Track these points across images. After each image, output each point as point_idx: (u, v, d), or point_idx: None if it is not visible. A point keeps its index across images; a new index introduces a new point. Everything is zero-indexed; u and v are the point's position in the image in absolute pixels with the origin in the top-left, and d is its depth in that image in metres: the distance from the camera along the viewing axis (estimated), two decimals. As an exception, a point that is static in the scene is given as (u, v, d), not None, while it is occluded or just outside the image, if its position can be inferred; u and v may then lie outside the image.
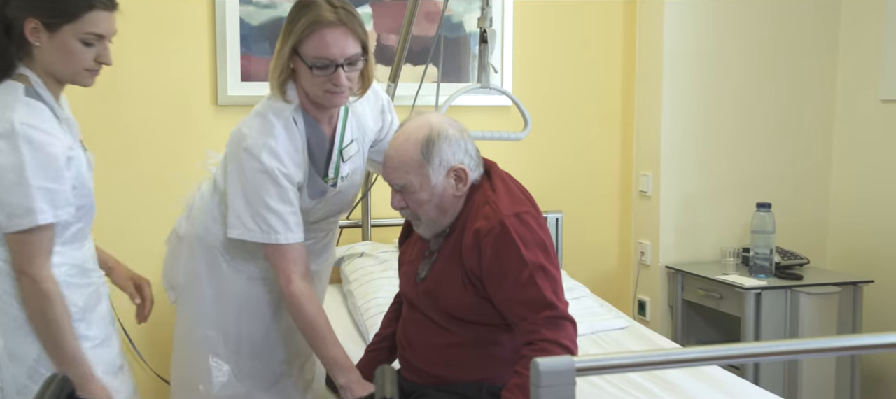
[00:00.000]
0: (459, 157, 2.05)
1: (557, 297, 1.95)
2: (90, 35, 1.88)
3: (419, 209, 2.07)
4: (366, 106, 2.31)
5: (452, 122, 2.09)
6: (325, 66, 2.05)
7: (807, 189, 3.95)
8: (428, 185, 2.03)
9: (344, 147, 2.25)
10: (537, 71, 3.77)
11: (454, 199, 2.07)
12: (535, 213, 2.05)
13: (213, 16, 3.32)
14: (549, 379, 1.10)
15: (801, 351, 1.58)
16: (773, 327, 3.39)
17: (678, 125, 3.76)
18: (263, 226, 2.12)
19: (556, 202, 3.84)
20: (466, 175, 2.06)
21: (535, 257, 1.95)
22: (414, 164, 2.03)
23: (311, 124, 2.19)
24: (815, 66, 3.91)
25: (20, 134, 1.79)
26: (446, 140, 2.03)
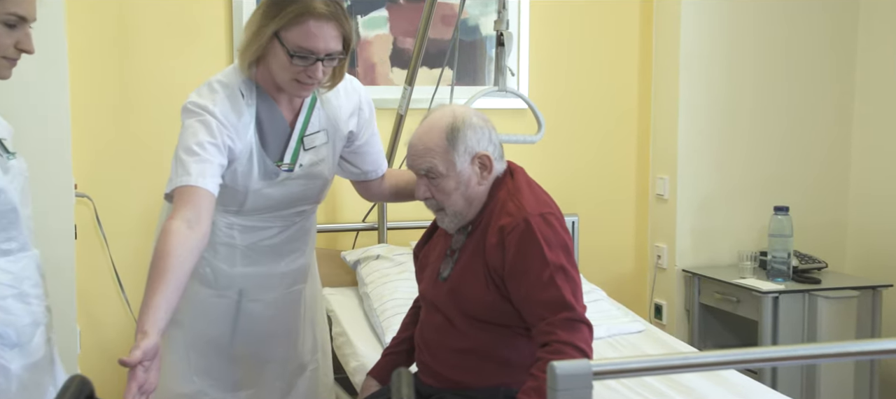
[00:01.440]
0: (484, 145, 2.07)
1: (576, 300, 1.95)
2: (11, 16, 1.67)
3: (446, 200, 2.07)
4: (342, 99, 2.25)
5: (477, 112, 2.12)
6: (304, 57, 2.00)
7: (825, 192, 3.92)
8: (454, 172, 2.04)
9: (307, 134, 2.18)
10: (553, 73, 3.76)
11: (479, 189, 2.08)
12: (558, 215, 2.06)
13: (231, 18, 3.34)
14: (565, 382, 1.10)
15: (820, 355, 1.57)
16: (790, 332, 3.37)
17: (694, 128, 3.75)
18: (178, 169, 1.97)
19: (572, 205, 3.82)
20: (491, 162, 2.08)
21: (557, 258, 1.95)
22: (439, 150, 2.04)
23: (267, 101, 2.12)
24: (833, 67, 3.89)
25: None
26: (470, 127, 2.05)
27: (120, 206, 3.27)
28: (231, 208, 2.18)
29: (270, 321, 2.33)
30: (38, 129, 2.70)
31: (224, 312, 2.28)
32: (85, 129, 3.14)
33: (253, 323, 2.31)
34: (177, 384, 2.29)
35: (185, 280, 1.85)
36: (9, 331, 1.76)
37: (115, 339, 3.30)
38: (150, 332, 1.72)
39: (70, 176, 2.84)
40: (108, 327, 3.31)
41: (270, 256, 2.28)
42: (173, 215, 1.90)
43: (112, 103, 3.26)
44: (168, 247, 1.83)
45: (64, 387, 1.41)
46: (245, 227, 2.22)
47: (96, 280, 3.27)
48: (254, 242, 2.24)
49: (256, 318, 2.31)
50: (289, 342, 2.40)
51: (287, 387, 2.42)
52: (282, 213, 2.24)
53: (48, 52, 2.64)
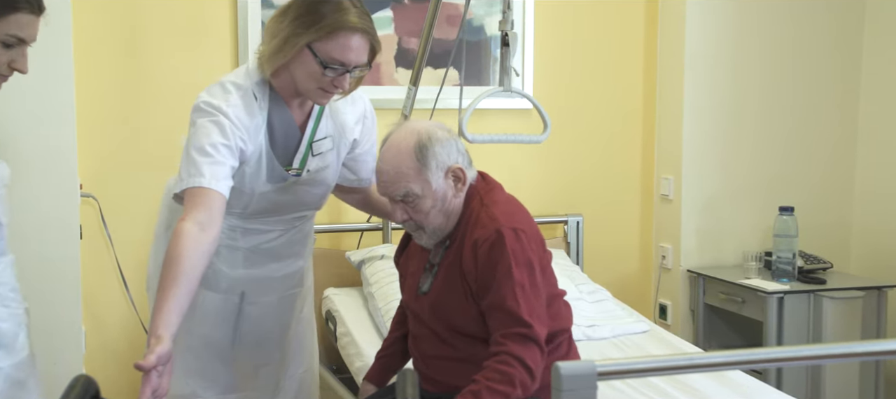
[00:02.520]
0: (454, 157, 2.05)
1: (533, 318, 1.94)
2: (11, 37, 1.68)
3: (424, 219, 2.05)
4: (348, 106, 2.26)
5: (439, 125, 2.08)
6: (336, 69, 2.01)
7: (830, 192, 3.92)
8: (430, 191, 2.02)
9: (315, 140, 2.19)
10: (558, 74, 3.76)
11: (455, 202, 2.07)
12: (528, 231, 2.03)
13: (235, 19, 3.34)
14: (570, 382, 1.10)
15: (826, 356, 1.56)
16: (795, 332, 3.37)
17: (699, 128, 3.74)
18: (191, 169, 1.96)
19: (576, 205, 3.83)
20: (464, 174, 2.06)
21: (521, 275, 1.95)
22: (412, 172, 2.01)
23: (279, 105, 2.12)
24: (838, 67, 3.88)
25: None
26: (438, 142, 2.02)
27: (125, 206, 3.28)
28: (235, 211, 2.17)
29: (268, 324, 2.34)
30: (43, 129, 2.71)
31: (227, 315, 2.28)
32: (90, 129, 3.15)
33: (252, 325, 2.31)
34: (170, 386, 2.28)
35: (197, 283, 1.86)
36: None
37: (120, 339, 3.31)
38: (164, 337, 1.72)
39: (75, 176, 2.84)
40: (113, 327, 3.32)
41: (271, 259, 2.28)
42: (185, 217, 1.90)
43: (117, 103, 3.26)
44: (181, 250, 1.83)
45: (69, 386, 1.41)
46: (247, 230, 2.22)
47: (101, 280, 3.28)
48: (255, 245, 2.24)
49: (255, 320, 2.31)
50: (284, 345, 2.40)
51: (277, 389, 2.42)
52: (284, 217, 2.24)
53: (54, 51, 2.64)
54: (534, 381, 1.91)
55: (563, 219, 3.78)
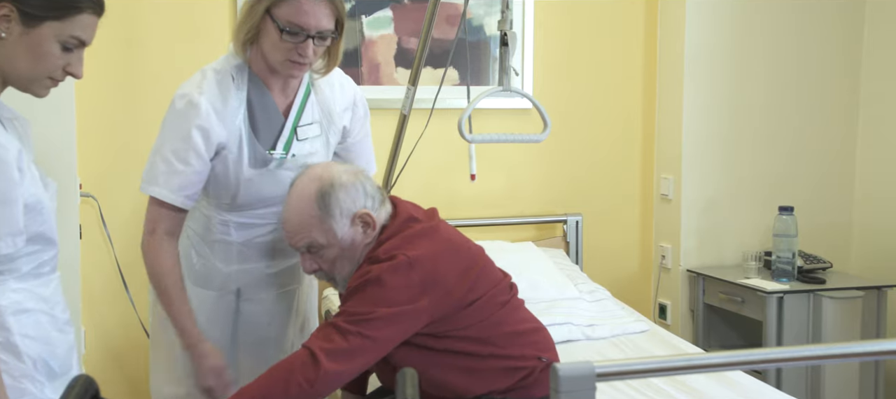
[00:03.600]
0: (360, 202, 1.97)
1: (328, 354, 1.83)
2: (73, 39, 1.62)
3: (333, 268, 2.01)
4: (336, 92, 2.25)
5: (345, 168, 2.02)
6: (295, 34, 2.00)
7: (830, 192, 3.91)
8: (334, 239, 1.96)
9: (301, 125, 2.17)
10: (558, 73, 3.76)
11: (364, 248, 1.99)
12: (415, 262, 1.91)
13: (235, 19, 3.34)
14: (568, 384, 1.09)
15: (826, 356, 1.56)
16: (795, 332, 3.36)
17: (700, 128, 3.74)
18: (149, 170, 2.07)
19: (576, 205, 3.83)
20: (372, 218, 1.98)
21: (357, 306, 1.88)
22: (314, 221, 1.96)
23: (259, 87, 2.12)
24: (838, 66, 3.88)
25: None
26: (341, 188, 1.95)
27: (124, 206, 3.28)
28: (224, 202, 2.17)
29: (266, 321, 2.33)
30: (42, 129, 2.69)
31: (224, 314, 2.28)
32: (90, 128, 3.15)
33: (251, 324, 2.30)
34: (167, 386, 2.28)
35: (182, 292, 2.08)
36: (52, 363, 1.68)
37: (120, 338, 3.31)
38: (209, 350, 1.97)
39: (75, 176, 2.84)
40: (112, 327, 3.32)
41: (265, 254, 2.27)
42: (155, 229, 2.09)
43: (117, 103, 3.26)
44: (168, 265, 2.09)
45: (69, 386, 1.41)
46: (240, 224, 2.21)
47: (101, 280, 3.28)
48: (248, 239, 2.23)
49: (254, 318, 2.30)
50: (284, 344, 2.38)
51: None
52: (275, 210, 2.21)
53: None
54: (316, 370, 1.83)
55: (562, 218, 3.78)
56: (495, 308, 2.04)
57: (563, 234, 3.79)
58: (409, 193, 2.46)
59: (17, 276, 1.60)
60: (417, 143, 2.92)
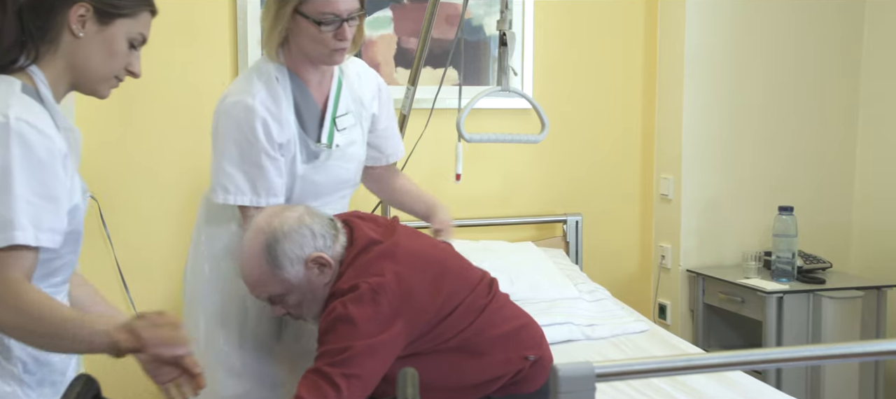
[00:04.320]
0: (309, 246, 1.94)
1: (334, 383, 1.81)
2: (140, 36, 1.67)
3: (299, 311, 2.01)
4: (363, 81, 2.32)
5: (290, 213, 1.99)
6: (331, 22, 2.06)
7: (830, 192, 3.91)
8: (292, 286, 1.95)
9: (338, 116, 2.24)
10: (557, 73, 3.76)
11: (325, 287, 1.98)
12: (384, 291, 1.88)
13: (235, 20, 3.34)
14: (567, 384, 1.10)
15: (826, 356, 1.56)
16: (795, 332, 3.36)
17: (699, 128, 3.74)
18: (228, 181, 2.13)
19: (576, 205, 3.82)
20: (326, 259, 1.95)
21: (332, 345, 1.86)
22: (267, 276, 1.95)
23: (299, 85, 2.18)
24: (838, 66, 3.88)
25: (14, 130, 1.47)
26: (285, 238, 1.93)
27: (124, 206, 3.27)
28: (279, 201, 2.20)
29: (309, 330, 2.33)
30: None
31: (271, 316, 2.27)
32: (89, 129, 3.14)
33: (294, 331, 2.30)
34: (224, 386, 2.27)
35: None
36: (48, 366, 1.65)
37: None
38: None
39: (74, 176, 2.83)
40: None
41: None
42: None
43: (117, 104, 3.25)
44: None
45: (70, 385, 1.41)
46: None
47: (101, 281, 3.26)
48: None
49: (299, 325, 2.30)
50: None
51: None
52: (327, 200, 2.26)
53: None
54: None
55: (562, 218, 3.78)
56: (475, 314, 2.01)
57: (563, 234, 3.79)
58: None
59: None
60: (417, 143, 2.92)
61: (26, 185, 1.47)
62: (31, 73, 1.58)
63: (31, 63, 1.58)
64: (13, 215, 1.45)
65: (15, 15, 1.56)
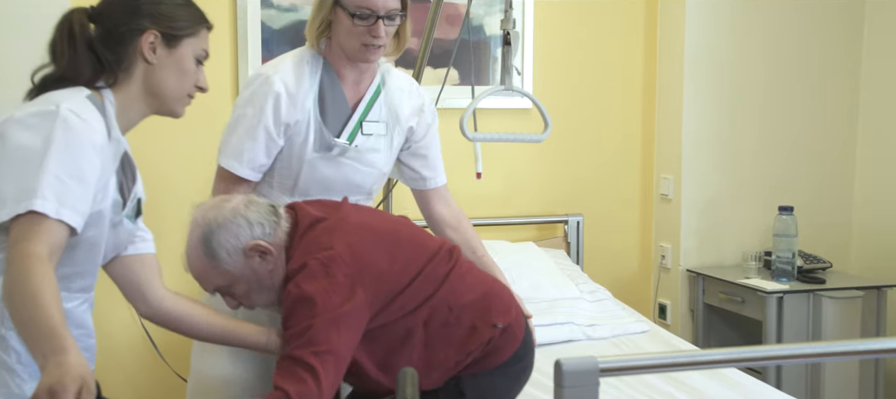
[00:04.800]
0: (246, 235, 1.89)
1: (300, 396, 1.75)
2: (204, 53, 1.76)
3: (249, 300, 1.98)
4: (405, 96, 2.31)
5: (224, 206, 1.93)
6: (366, 17, 2.08)
7: (830, 192, 3.92)
8: (234, 277, 1.92)
9: (367, 120, 2.24)
10: (557, 73, 3.77)
11: (271, 274, 1.93)
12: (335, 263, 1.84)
13: (235, 20, 3.35)
14: (571, 379, 1.10)
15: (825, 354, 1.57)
16: (795, 332, 3.37)
17: (700, 128, 3.75)
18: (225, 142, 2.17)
19: (576, 205, 3.83)
20: (265, 246, 1.90)
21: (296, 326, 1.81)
22: (208, 269, 1.91)
23: (332, 77, 2.20)
24: (838, 66, 3.89)
25: (61, 117, 1.54)
26: (220, 229, 1.89)
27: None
28: (287, 184, 2.21)
29: None
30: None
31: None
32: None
33: None
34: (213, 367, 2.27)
35: None
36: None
37: (122, 338, 3.31)
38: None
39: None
40: (114, 327, 3.31)
41: None
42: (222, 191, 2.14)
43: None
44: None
45: None
46: None
47: (102, 280, 3.27)
48: None
49: None
50: None
51: None
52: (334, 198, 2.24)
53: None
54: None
55: (563, 218, 3.79)
56: (437, 282, 1.97)
57: (564, 234, 3.79)
58: (409, 192, 2.47)
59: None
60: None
61: (58, 163, 1.52)
62: (103, 93, 1.68)
63: (108, 87, 1.69)
64: (37, 186, 1.49)
65: (86, 48, 1.66)
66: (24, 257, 1.47)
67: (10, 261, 1.48)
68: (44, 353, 1.39)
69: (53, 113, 1.54)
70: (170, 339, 3.17)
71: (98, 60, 1.67)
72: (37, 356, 1.41)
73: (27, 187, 1.50)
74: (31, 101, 1.62)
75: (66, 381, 1.35)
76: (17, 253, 1.48)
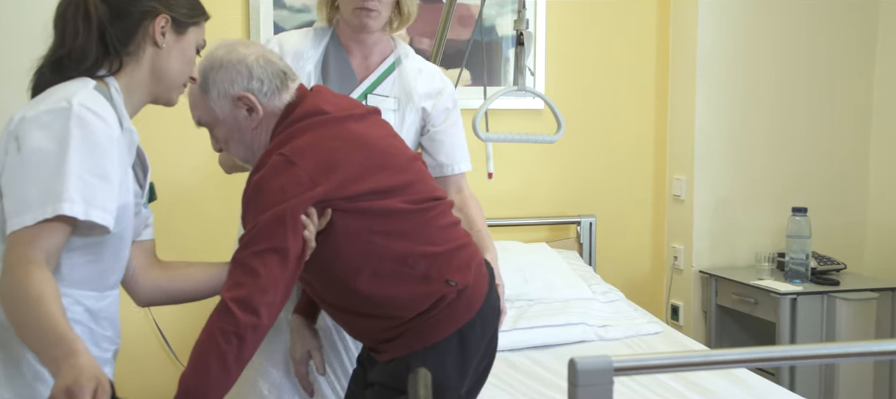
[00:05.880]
0: (241, 85, 1.86)
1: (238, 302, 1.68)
2: (203, 43, 1.78)
3: (227, 147, 1.95)
4: (421, 77, 2.29)
5: (240, 49, 1.91)
6: None
7: (844, 192, 3.90)
8: (217, 119, 1.90)
9: (374, 93, 2.23)
10: (569, 74, 3.76)
11: (257, 134, 1.90)
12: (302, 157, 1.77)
13: (247, 20, 3.36)
14: (586, 378, 1.11)
15: (838, 355, 1.56)
16: (808, 333, 3.36)
17: (712, 128, 3.74)
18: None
19: (589, 206, 3.83)
20: (252, 101, 1.86)
21: (246, 224, 1.76)
22: (197, 99, 1.90)
23: (338, 49, 2.23)
24: (851, 66, 3.87)
25: (75, 113, 1.51)
26: (223, 68, 1.86)
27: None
28: None
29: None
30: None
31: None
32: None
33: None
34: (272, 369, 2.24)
35: None
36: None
37: (134, 338, 3.32)
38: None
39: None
40: (127, 326, 3.32)
41: None
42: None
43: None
44: None
45: None
46: None
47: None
48: None
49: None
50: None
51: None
52: None
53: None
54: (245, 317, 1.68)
55: (575, 219, 3.78)
56: (410, 210, 1.84)
57: (577, 235, 3.79)
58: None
59: (67, 283, 1.57)
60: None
61: (80, 163, 1.50)
62: (107, 81, 1.65)
63: (111, 74, 1.66)
64: (63, 189, 1.48)
65: (97, 30, 1.63)
66: (20, 263, 1.46)
67: (7, 267, 1.47)
68: (56, 358, 1.39)
69: (66, 110, 1.52)
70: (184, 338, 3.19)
71: (103, 44, 1.64)
72: (47, 361, 1.41)
73: (52, 191, 1.48)
74: (40, 98, 1.59)
75: (82, 381, 1.35)
76: (13, 259, 1.47)
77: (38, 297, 1.43)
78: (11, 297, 1.46)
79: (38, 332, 1.42)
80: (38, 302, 1.43)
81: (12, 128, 1.55)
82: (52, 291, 1.45)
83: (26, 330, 1.45)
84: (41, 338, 1.42)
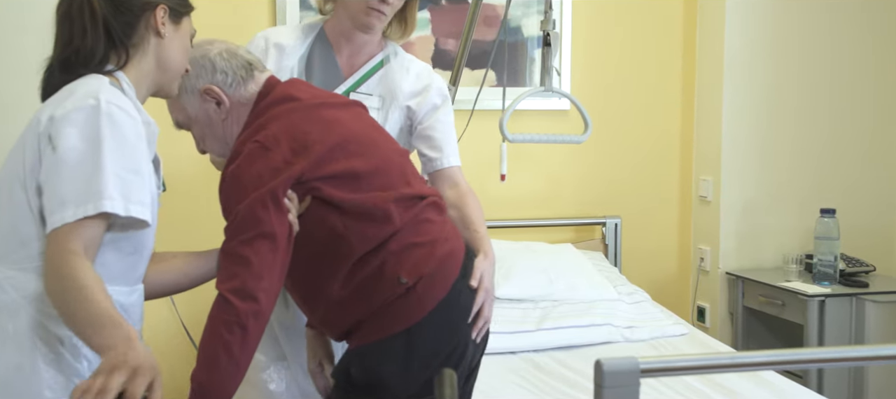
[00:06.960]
0: (206, 79, 1.88)
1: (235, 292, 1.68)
2: (194, 32, 1.80)
3: (204, 145, 1.96)
4: (407, 76, 2.25)
5: (204, 46, 1.91)
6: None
7: (872, 193, 3.86)
8: (190, 117, 1.92)
9: (358, 91, 2.21)
10: (595, 74, 3.75)
11: (224, 124, 1.91)
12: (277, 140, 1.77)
13: (275, 21, 3.38)
14: (612, 379, 1.10)
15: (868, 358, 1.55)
16: (837, 336, 3.32)
17: (738, 129, 3.71)
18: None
19: (614, 207, 3.81)
20: (218, 93, 1.87)
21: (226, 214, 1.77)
22: (172, 100, 1.91)
23: (325, 45, 2.22)
24: (879, 67, 3.83)
25: (104, 111, 1.54)
26: (191, 63, 1.85)
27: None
28: None
29: None
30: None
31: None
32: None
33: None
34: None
35: None
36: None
37: (160, 332, 3.35)
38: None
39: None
40: (152, 320, 3.35)
41: None
42: None
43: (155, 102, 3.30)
44: None
45: None
46: None
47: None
48: None
49: None
50: None
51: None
52: None
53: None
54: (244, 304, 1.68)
55: (601, 221, 3.77)
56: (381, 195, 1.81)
57: (602, 236, 3.78)
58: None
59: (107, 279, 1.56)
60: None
61: (115, 160, 1.53)
62: (117, 76, 1.67)
63: (118, 68, 1.67)
64: (102, 187, 1.51)
65: (102, 25, 1.65)
66: (64, 254, 1.49)
67: (51, 261, 1.50)
68: (112, 344, 1.43)
69: (95, 107, 1.54)
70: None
71: (109, 39, 1.66)
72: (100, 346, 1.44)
73: (91, 189, 1.51)
74: (63, 96, 1.60)
75: (145, 366, 1.41)
76: (56, 252, 1.50)
77: (88, 284, 1.47)
78: (59, 287, 1.49)
79: (91, 318, 1.46)
80: (88, 289, 1.46)
81: (42, 129, 1.57)
82: (98, 279, 1.49)
83: (76, 318, 1.48)
84: (93, 324, 1.46)
